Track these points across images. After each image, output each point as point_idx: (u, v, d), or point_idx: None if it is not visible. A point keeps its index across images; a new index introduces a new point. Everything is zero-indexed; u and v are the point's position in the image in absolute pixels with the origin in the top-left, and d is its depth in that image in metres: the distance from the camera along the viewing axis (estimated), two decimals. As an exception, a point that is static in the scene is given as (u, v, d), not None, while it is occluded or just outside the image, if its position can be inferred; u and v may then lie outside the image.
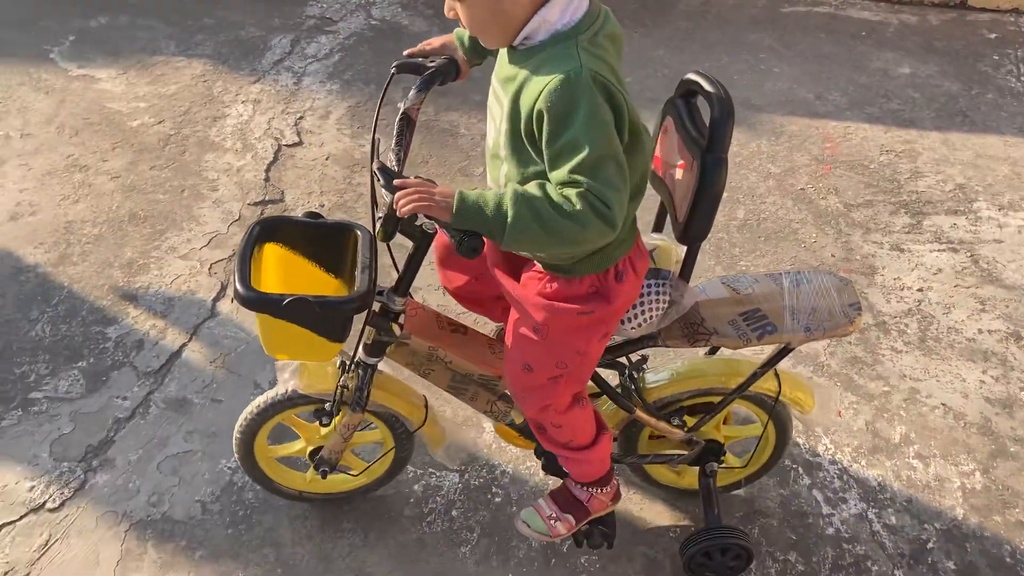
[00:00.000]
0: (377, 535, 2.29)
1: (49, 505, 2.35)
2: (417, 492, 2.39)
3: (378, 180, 1.59)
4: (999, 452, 2.52)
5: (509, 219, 1.45)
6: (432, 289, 2.92)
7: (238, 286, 1.67)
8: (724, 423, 2.26)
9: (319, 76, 4.01)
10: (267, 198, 3.35)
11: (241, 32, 4.33)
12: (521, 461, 2.45)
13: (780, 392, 2.07)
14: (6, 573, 2.20)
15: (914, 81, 4.03)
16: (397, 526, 2.31)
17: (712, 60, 4.15)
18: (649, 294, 1.80)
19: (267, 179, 3.44)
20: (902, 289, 3.00)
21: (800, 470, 2.46)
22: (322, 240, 1.86)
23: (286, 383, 2.00)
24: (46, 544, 2.26)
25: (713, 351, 2.16)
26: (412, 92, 1.77)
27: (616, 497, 2.09)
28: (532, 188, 1.47)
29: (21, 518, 2.32)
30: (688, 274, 1.83)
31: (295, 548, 2.26)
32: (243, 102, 3.84)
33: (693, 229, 1.71)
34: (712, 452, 2.19)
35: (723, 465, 2.23)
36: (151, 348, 2.76)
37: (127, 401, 2.61)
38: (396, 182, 1.53)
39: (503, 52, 1.59)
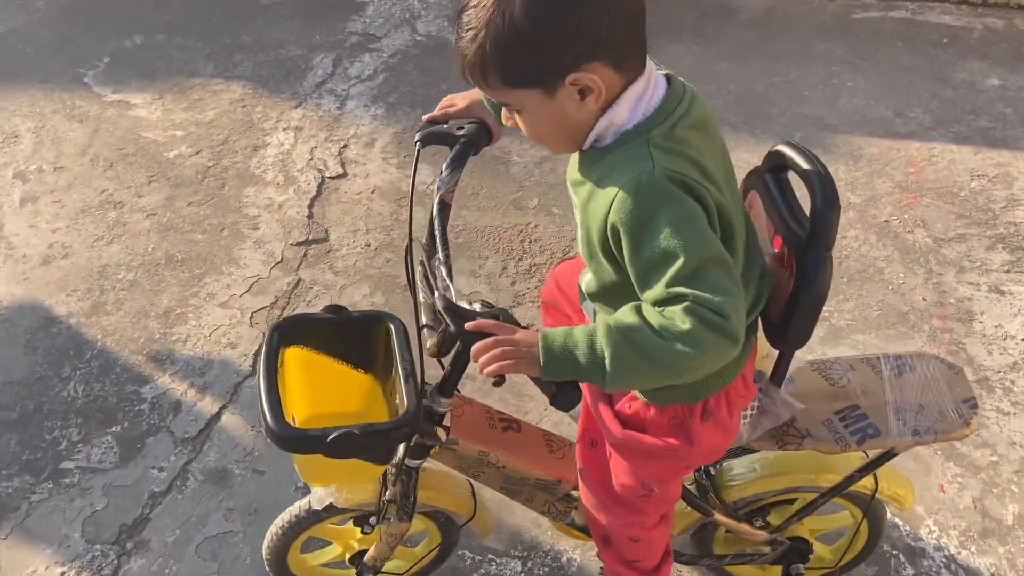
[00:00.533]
0: (434, 633, 2.09)
1: (81, 595, 2.18)
2: (478, 581, 2.19)
3: (446, 323, 1.35)
4: None
5: (608, 361, 1.20)
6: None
7: (271, 423, 1.43)
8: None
9: (363, 99, 3.80)
10: (311, 237, 3.15)
11: (281, 51, 4.13)
12: (589, 546, 2.23)
13: (877, 489, 1.82)
14: (35, 675, 2.04)
15: (1004, 95, 3.71)
16: (455, 622, 2.11)
17: (780, 74, 3.86)
18: None
19: (310, 215, 3.24)
20: (1005, 339, 2.72)
21: (901, 557, 2.20)
22: (348, 334, 1.62)
23: (322, 499, 1.78)
24: (78, 640, 2.10)
25: None
26: (445, 173, 1.53)
27: None
28: (627, 315, 1.22)
29: (51, 609, 2.16)
30: (780, 379, 1.57)
31: (346, 647, 2.07)
32: (284, 129, 3.64)
33: (792, 336, 1.45)
34: (798, 552, 1.95)
35: (810, 566, 1.99)
36: (188, 411, 2.58)
37: (163, 472, 2.43)
38: (469, 326, 1.29)
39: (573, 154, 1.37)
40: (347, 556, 1.98)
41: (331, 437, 1.39)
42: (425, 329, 1.45)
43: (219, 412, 2.58)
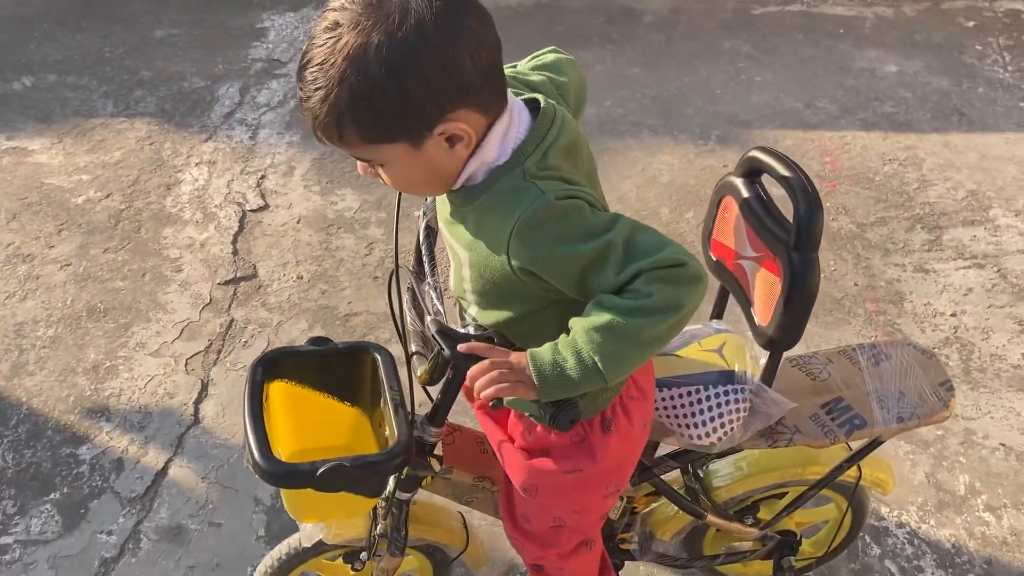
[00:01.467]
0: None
1: (38, 678, 2.05)
2: (460, 611, 2.14)
3: (437, 343, 1.33)
4: (1071, 494, 2.35)
5: (600, 363, 1.18)
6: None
7: (258, 459, 1.37)
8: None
9: (276, 127, 3.71)
10: (239, 275, 3.05)
11: (184, 83, 4.00)
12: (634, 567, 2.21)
13: (861, 476, 1.86)
14: None
15: (903, 80, 3.87)
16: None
17: (691, 74, 3.93)
18: (726, 403, 1.56)
19: (235, 252, 3.14)
20: (935, 316, 2.82)
21: (867, 539, 2.26)
22: (333, 366, 1.59)
23: (311, 536, 1.72)
24: None
25: None
26: (429, 199, 1.53)
27: None
28: (599, 313, 1.19)
29: None
30: (770, 379, 1.59)
31: None
32: (197, 164, 3.52)
33: (783, 336, 1.47)
34: (787, 545, 1.98)
35: (799, 557, 2.02)
36: (132, 468, 2.46)
37: (113, 536, 2.31)
38: (462, 348, 1.26)
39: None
40: None
41: (321, 471, 1.35)
42: (415, 357, 1.41)
43: (165, 466, 2.46)
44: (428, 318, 1.36)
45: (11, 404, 2.65)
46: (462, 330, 1.32)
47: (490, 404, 1.24)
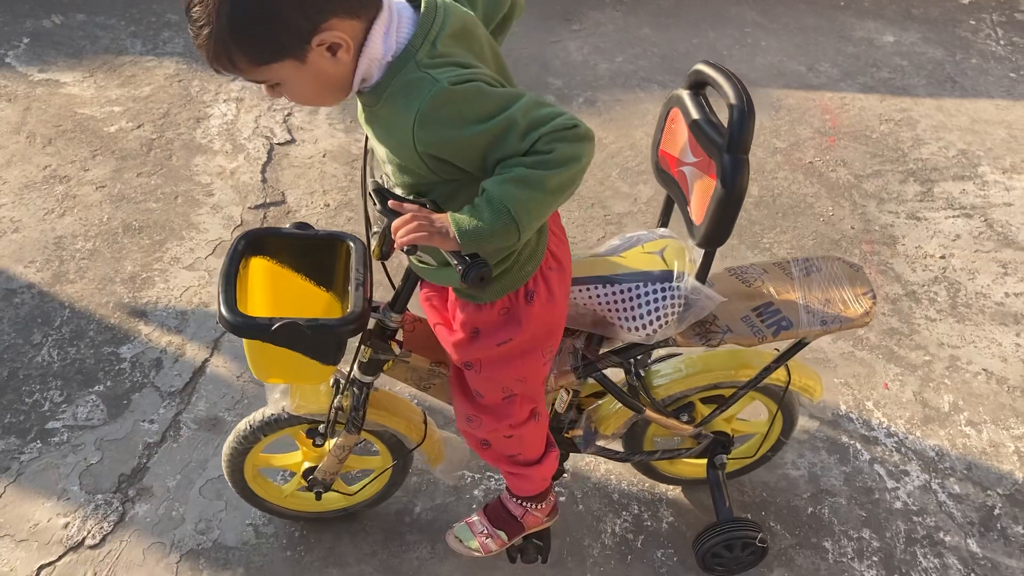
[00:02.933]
0: (445, 547, 2.20)
1: (89, 542, 2.20)
2: (478, 497, 2.31)
3: (373, 202, 1.48)
4: (1046, 413, 2.55)
5: (512, 210, 1.30)
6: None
7: (223, 310, 1.54)
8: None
9: (301, 70, 3.85)
10: (268, 200, 3.20)
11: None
12: (579, 457, 2.39)
13: (789, 381, 2.01)
14: (54, 619, 2.05)
15: (899, 49, 4.06)
16: (464, 535, 2.23)
17: (699, 36, 4.11)
18: (663, 298, 1.71)
19: (264, 180, 3.29)
20: (925, 257, 3.02)
21: (858, 445, 2.44)
22: (312, 252, 1.73)
23: (277, 403, 1.87)
24: (92, 584, 2.12)
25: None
26: None
27: (553, 513, 2.02)
28: (506, 171, 1.32)
29: (60, 558, 2.16)
30: (704, 276, 1.72)
31: (361, 566, 2.16)
32: (225, 101, 3.67)
33: (714, 234, 1.59)
34: (721, 444, 2.13)
35: (732, 456, 2.18)
36: (171, 366, 2.61)
37: (155, 424, 2.46)
38: (391, 204, 1.40)
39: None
40: (303, 467, 2.07)
41: (276, 326, 1.50)
42: (374, 238, 1.56)
43: (203, 365, 2.61)
44: (370, 180, 1.49)
45: (54, 307, 2.79)
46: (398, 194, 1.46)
47: (406, 251, 1.37)
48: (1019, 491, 2.36)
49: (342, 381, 1.83)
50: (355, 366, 1.78)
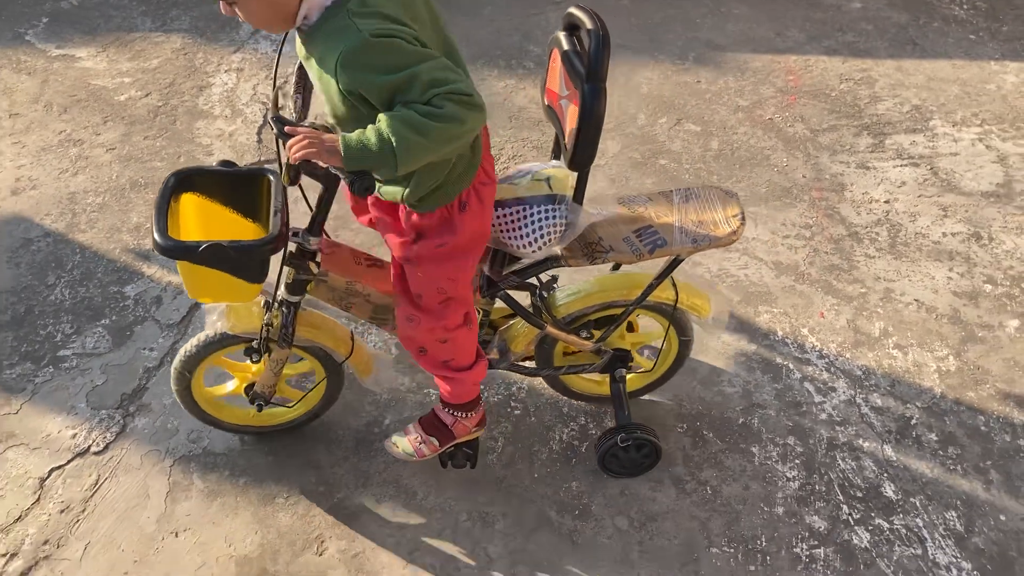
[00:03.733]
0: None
1: (94, 449, 2.47)
2: (441, 411, 2.56)
3: (273, 129, 1.72)
4: (968, 337, 2.75)
5: (395, 143, 1.54)
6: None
7: (156, 236, 1.78)
8: (630, 332, 2.41)
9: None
10: (262, 159, 3.47)
11: (214, 6, 4.38)
12: (536, 379, 2.63)
13: (677, 300, 2.21)
14: (62, 511, 2.33)
15: (866, 14, 4.25)
16: (426, 442, 2.48)
17: (675, 7, 4.32)
18: (546, 218, 1.94)
19: (260, 141, 3.56)
20: (871, 202, 3.22)
21: (791, 366, 2.67)
22: (238, 187, 1.96)
23: (214, 325, 2.13)
24: (96, 483, 2.39)
25: (617, 268, 2.31)
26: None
27: (481, 423, 2.26)
28: (401, 111, 1.56)
29: (69, 462, 2.44)
30: (580, 197, 1.95)
31: (333, 468, 2.42)
32: (226, 71, 3.94)
33: (579, 156, 1.82)
34: (620, 360, 2.34)
35: (632, 371, 2.39)
36: (170, 303, 2.88)
37: (154, 352, 2.74)
38: (287, 129, 1.64)
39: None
40: (243, 388, 2.32)
41: (202, 247, 1.75)
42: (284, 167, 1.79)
43: (198, 301, 2.89)
44: (269, 112, 1.74)
45: (67, 254, 3.08)
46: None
47: (296, 168, 1.61)
48: (936, 405, 2.57)
49: (271, 301, 2.08)
50: (282, 287, 2.03)
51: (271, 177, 1.95)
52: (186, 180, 1.93)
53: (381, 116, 1.56)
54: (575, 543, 2.25)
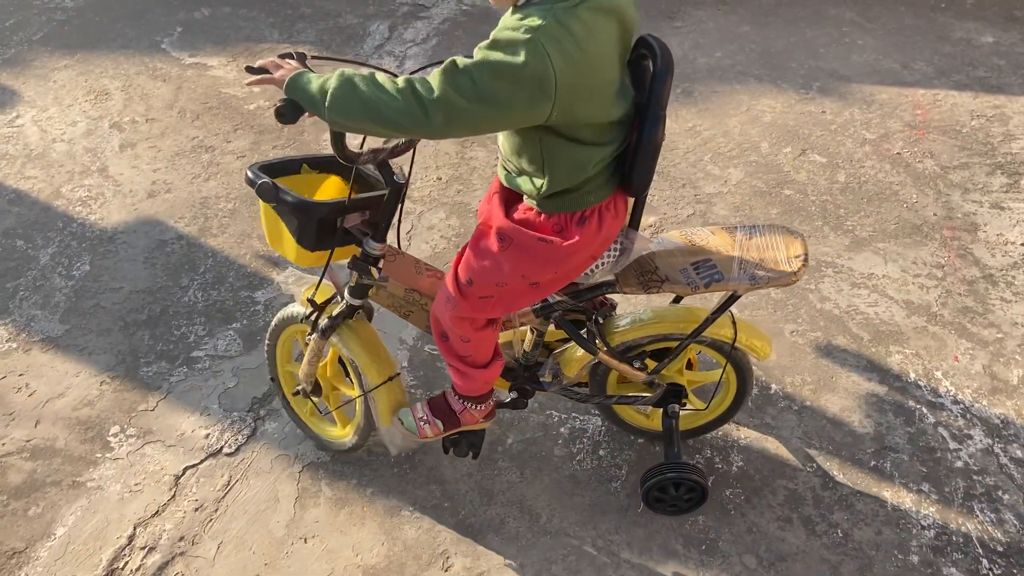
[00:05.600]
0: (532, 472, 2.46)
1: (226, 450, 2.54)
2: (564, 434, 2.56)
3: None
4: (1115, 391, 2.64)
5: (329, 93, 1.57)
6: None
7: (248, 170, 1.96)
8: (689, 369, 2.36)
9: (420, 60, 4.20)
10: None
11: (339, 20, 4.52)
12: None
13: (736, 339, 2.16)
14: (197, 509, 2.40)
15: (998, 49, 4.13)
16: (550, 464, 2.48)
17: (797, 35, 4.27)
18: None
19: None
20: (1005, 244, 3.12)
21: (924, 410, 2.59)
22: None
23: (296, 296, 2.25)
24: (228, 484, 2.46)
25: (678, 300, 2.28)
26: None
27: (490, 416, 2.22)
28: (365, 73, 1.60)
29: (202, 461, 2.52)
30: (636, 223, 1.93)
31: (457, 484, 2.44)
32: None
33: (635, 181, 1.79)
34: (674, 395, 2.30)
35: (685, 408, 2.34)
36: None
37: (283, 357, 2.80)
38: (257, 64, 1.70)
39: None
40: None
41: (260, 182, 1.91)
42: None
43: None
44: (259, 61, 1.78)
45: (199, 256, 3.18)
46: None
47: (283, 106, 1.63)
48: (1080, 459, 2.47)
49: (339, 300, 2.18)
50: (346, 290, 2.12)
51: (359, 169, 2.05)
52: (326, 164, 2.10)
53: (341, 71, 1.60)
54: (701, 578, 2.22)
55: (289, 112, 1.64)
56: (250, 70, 1.73)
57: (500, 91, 1.54)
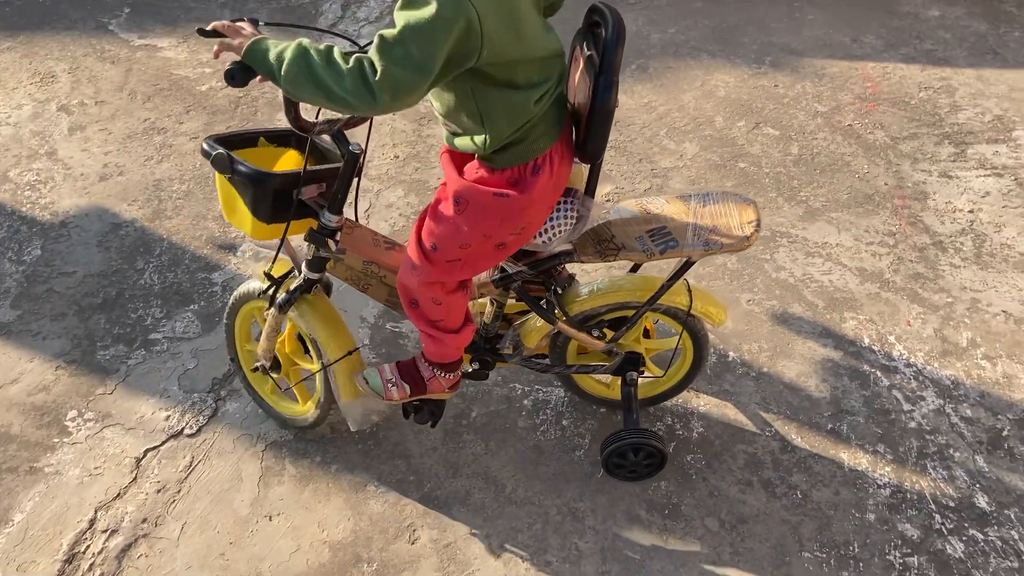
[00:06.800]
0: (497, 444, 2.48)
1: (187, 431, 2.52)
2: (528, 406, 2.58)
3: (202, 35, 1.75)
4: (1059, 351, 2.72)
5: (285, 62, 1.59)
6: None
7: (204, 142, 1.97)
8: (647, 338, 2.40)
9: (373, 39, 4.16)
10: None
11: (289, 1, 4.47)
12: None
13: (691, 306, 2.20)
14: (159, 491, 2.37)
15: (944, 23, 4.21)
16: (514, 436, 2.50)
17: (749, 10, 4.31)
18: (559, 210, 1.94)
19: (340, 134, 3.59)
20: (954, 211, 3.19)
21: (878, 373, 2.65)
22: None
23: (255, 273, 2.26)
24: (190, 465, 2.44)
25: (635, 269, 2.30)
26: None
27: (455, 387, 2.23)
28: (320, 46, 1.61)
29: (163, 443, 2.49)
30: (592, 190, 1.95)
31: (423, 458, 2.45)
32: (304, 64, 3.99)
33: (589, 148, 1.82)
34: (632, 363, 2.33)
35: (644, 376, 2.38)
36: (257, 290, 2.93)
37: (243, 338, 2.78)
38: (211, 26, 1.70)
39: None
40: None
41: (215, 152, 1.91)
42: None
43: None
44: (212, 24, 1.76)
45: (154, 239, 3.13)
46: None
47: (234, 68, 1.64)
48: (1028, 417, 2.54)
49: (297, 275, 2.16)
50: (304, 264, 2.10)
51: (313, 139, 2.05)
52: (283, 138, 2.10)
53: (299, 41, 1.61)
54: (665, 542, 2.26)
55: (239, 75, 1.64)
56: (202, 32, 1.71)
57: (434, 49, 1.53)
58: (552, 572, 2.19)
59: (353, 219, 2.14)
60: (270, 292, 2.19)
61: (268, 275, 2.19)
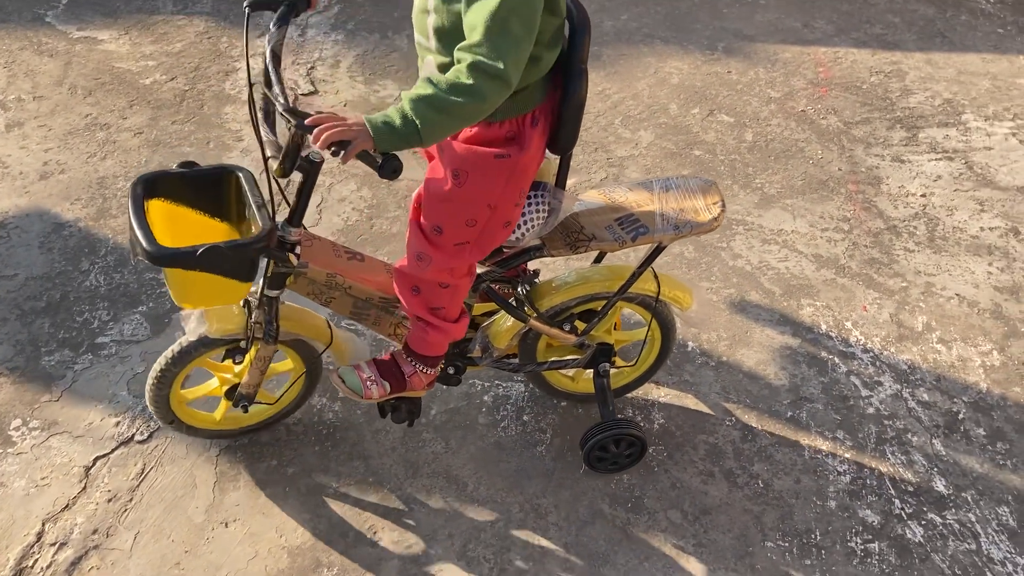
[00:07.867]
0: (457, 442, 2.44)
1: (138, 437, 2.45)
2: (488, 402, 2.54)
3: (289, 122, 1.66)
4: (1012, 333, 2.75)
5: (419, 125, 1.55)
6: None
7: (145, 246, 1.72)
8: (615, 328, 2.39)
9: (322, 28, 4.08)
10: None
11: (236, -11, 4.36)
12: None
13: (659, 292, 2.20)
14: (110, 500, 2.30)
15: (892, 6, 4.24)
16: (474, 433, 2.47)
17: (701, -5, 4.30)
18: (530, 204, 1.92)
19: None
20: (907, 196, 3.22)
21: (836, 360, 2.66)
22: (202, 187, 1.91)
23: (195, 331, 2.08)
24: (142, 472, 2.37)
25: (599, 260, 2.29)
26: (272, 30, 1.85)
27: (430, 385, 2.21)
28: (424, 88, 1.56)
29: (113, 451, 2.42)
30: (563, 182, 1.93)
31: (382, 459, 2.40)
32: (252, 55, 3.89)
33: (561, 140, 1.81)
34: (604, 354, 2.33)
35: (615, 366, 2.38)
36: (208, 290, 2.85)
37: (194, 339, 2.70)
38: (309, 120, 1.59)
39: None
40: (223, 389, 2.29)
41: (200, 251, 1.70)
42: (271, 160, 1.76)
43: (236, 289, 2.86)
44: (280, 102, 1.69)
45: (99, 239, 3.04)
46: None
47: (331, 151, 1.56)
48: (983, 399, 2.57)
49: (252, 300, 2.04)
50: (263, 283, 1.99)
51: (239, 174, 1.90)
52: (151, 185, 1.87)
53: (404, 96, 1.57)
54: (629, 536, 2.24)
55: (396, 165, 1.57)
56: (300, 127, 1.61)
57: (532, 17, 1.56)
58: (516, 570, 2.17)
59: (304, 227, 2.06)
60: (251, 337, 2.09)
61: (253, 324, 2.06)
